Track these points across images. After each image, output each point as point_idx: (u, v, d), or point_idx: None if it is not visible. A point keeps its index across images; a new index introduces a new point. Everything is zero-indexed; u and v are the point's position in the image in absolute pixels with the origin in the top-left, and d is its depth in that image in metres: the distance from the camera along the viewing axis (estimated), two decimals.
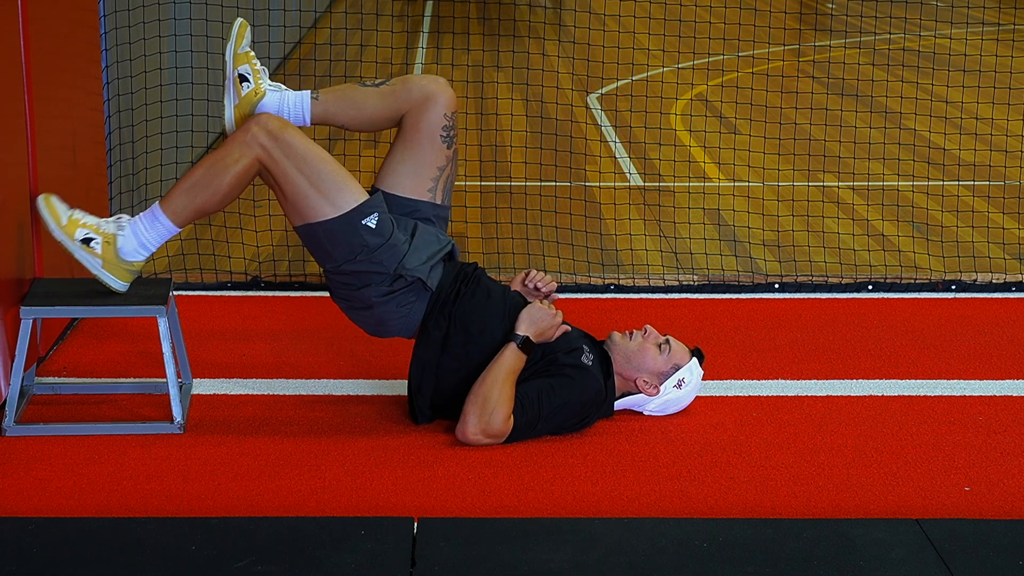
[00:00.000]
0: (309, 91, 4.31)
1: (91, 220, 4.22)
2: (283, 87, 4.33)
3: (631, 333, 4.42)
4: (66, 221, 4.19)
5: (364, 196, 4.17)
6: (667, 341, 4.41)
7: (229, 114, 4.29)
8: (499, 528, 3.64)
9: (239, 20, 4.33)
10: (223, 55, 4.30)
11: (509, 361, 4.20)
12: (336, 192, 4.13)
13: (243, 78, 4.28)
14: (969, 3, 10.33)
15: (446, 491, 3.91)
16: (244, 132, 4.13)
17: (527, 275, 4.50)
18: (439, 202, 4.34)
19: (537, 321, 4.26)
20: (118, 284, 4.24)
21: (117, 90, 5.81)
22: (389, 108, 4.33)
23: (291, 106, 4.29)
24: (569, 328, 4.34)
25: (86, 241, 4.18)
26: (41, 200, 4.20)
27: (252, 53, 4.33)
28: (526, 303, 4.35)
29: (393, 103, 4.32)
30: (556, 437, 4.24)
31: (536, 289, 4.48)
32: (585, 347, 4.34)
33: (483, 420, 4.13)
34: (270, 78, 4.38)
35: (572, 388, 4.22)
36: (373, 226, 4.14)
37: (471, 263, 4.43)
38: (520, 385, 4.20)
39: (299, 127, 4.25)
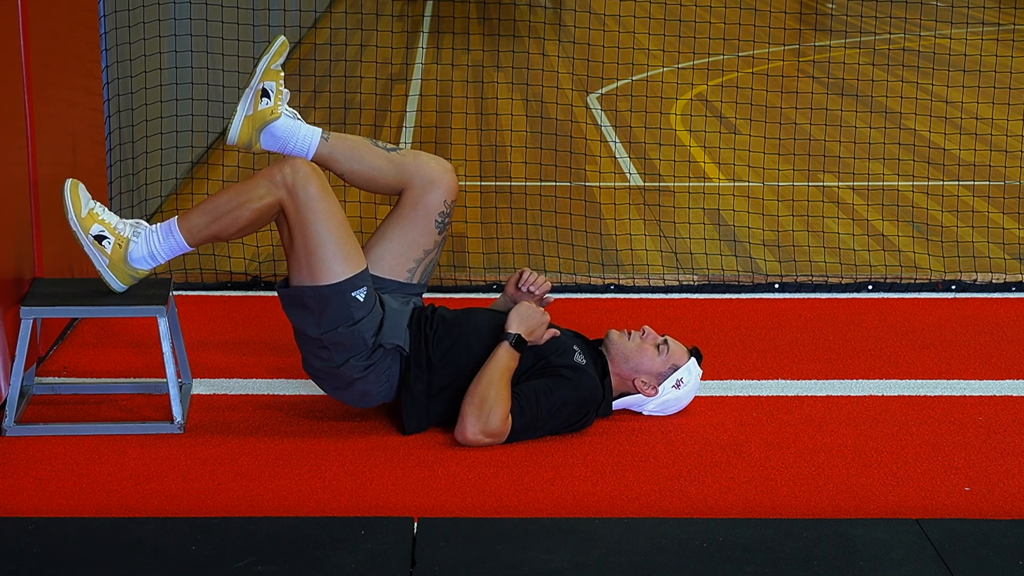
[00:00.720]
0: (321, 130, 4.31)
1: (109, 218, 4.22)
2: (299, 116, 4.33)
3: (629, 333, 4.42)
4: (85, 213, 4.19)
5: (360, 266, 4.16)
6: (665, 341, 4.41)
7: (237, 121, 4.28)
8: (499, 528, 3.64)
9: (281, 38, 4.32)
10: (256, 64, 4.28)
11: (503, 360, 4.20)
12: (338, 256, 4.12)
13: (265, 93, 4.28)
14: (969, 3, 10.31)
15: (446, 491, 3.91)
16: (277, 171, 4.13)
17: (521, 276, 4.50)
18: (416, 281, 4.36)
19: (527, 319, 4.27)
20: (118, 286, 4.24)
21: (117, 90, 5.82)
22: (391, 176, 4.33)
23: (300, 137, 4.29)
24: (559, 332, 4.34)
25: (99, 238, 4.18)
26: (68, 185, 4.20)
27: (282, 74, 4.33)
28: (496, 317, 4.35)
29: (397, 173, 4.32)
30: (556, 437, 4.24)
31: (530, 292, 4.48)
32: (576, 348, 4.35)
33: (481, 420, 4.13)
34: None
35: (569, 388, 4.22)
36: (361, 299, 4.15)
37: (428, 307, 4.42)
38: (517, 386, 4.20)
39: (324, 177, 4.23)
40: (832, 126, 7.84)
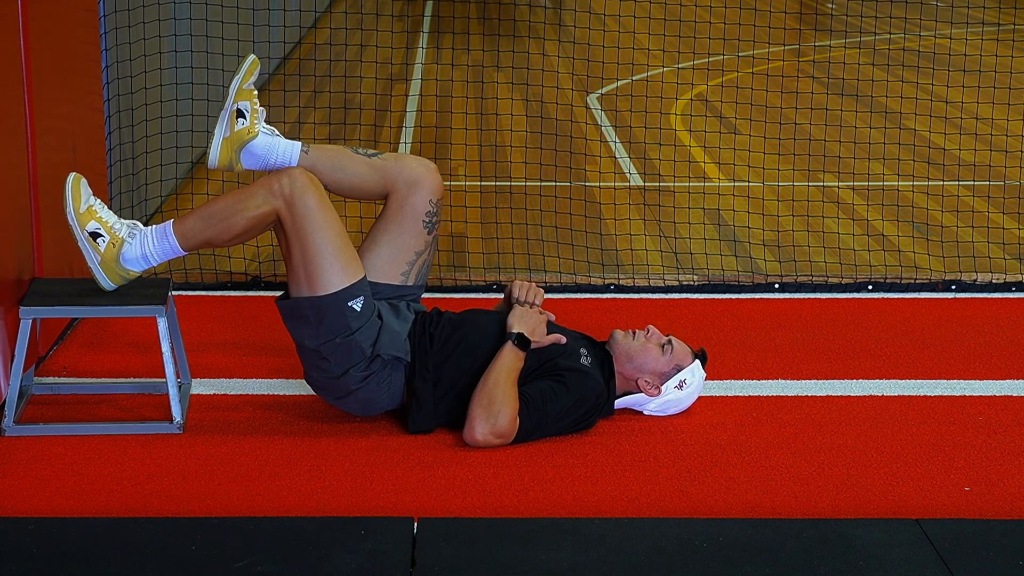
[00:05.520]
0: (301, 143, 4.31)
1: (107, 217, 4.22)
2: (276, 132, 4.34)
3: (634, 332, 4.43)
4: (84, 209, 4.20)
5: (358, 275, 4.17)
6: (670, 341, 4.41)
7: (216, 143, 4.29)
8: (499, 528, 3.64)
9: (251, 56, 4.33)
10: (228, 86, 4.29)
11: (508, 360, 4.20)
12: (335, 267, 4.13)
13: (240, 114, 4.29)
14: (969, 3, 10.33)
15: (446, 491, 3.91)
16: (275, 180, 4.14)
17: (512, 291, 4.48)
18: (411, 283, 4.35)
19: (526, 319, 4.29)
20: (108, 284, 4.25)
21: (117, 90, 5.82)
22: (375, 182, 4.33)
23: (280, 153, 4.30)
24: (564, 339, 4.34)
25: (94, 235, 4.19)
26: (71, 179, 4.21)
27: (255, 92, 4.34)
28: (500, 317, 4.36)
29: (380, 179, 4.33)
30: (556, 437, 4.24)
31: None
32: (583, 350, 4.34)
33: (490, 421, 4.13)
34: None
35: (575, 391, 4.22)
36: (358, 309, 4.16)
37: (433, 309, 4.42)
38: (523, 387, 4.20)
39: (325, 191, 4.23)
40: (832, 126, 7.84)
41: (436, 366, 4.25)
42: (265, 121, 4.36)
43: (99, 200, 4.26)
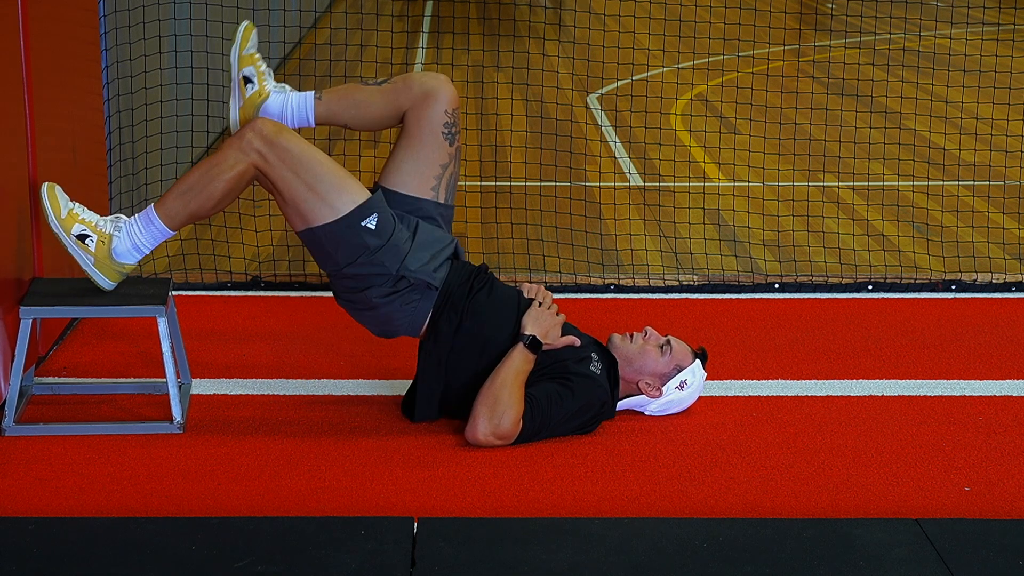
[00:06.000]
0: (312, 92, 4.32)
1: (90, 217, 4.22)
2: (287, 88, 4.34)
3: (631, 335, 4.42)
4: (65, 214, 4.20)
5: (364, 196, 4.16)
6: (668, 342, 4.41)
7: (234, 116, 4.30)
8: (499, 528, 3.64)
9: (245, 22, 4.34)
10: (229, 57, 4.31)
11: (517, 362, 4.19)
12: (335, 194, 4.12)
13: (247, 80, 4.29)
14: (969, 3, 10.32)
15: (446, 491, 3.91)
16: (240, 138, 4.13)
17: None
18: (442, 200, 4.34)
19: (540, 320, 4.27)
20: (106, 283, 4.24)
21: (117, 90, 5.82)
22: (391, 106, 4.33)
23: (295, 107, 4.30)
24: (578, 342, 4.33)
25: (81, 237, 4.19)
26: (45, 189, 4.21)
27: (258, 55, 4.34)
28: (517, 305, 4.34)
29: (395, 101, 4.32)
30: (557, 437, 4.24)
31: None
32: (594, 356, 4.33)
33: (493, 422, 4.12)
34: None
35: (580, 397, 4.21)
36: (373, 227, 4.13)
37: (482, 264, 4.42)
38: (529, 388, 4.19)
39: (301, 128, 4.25)
40: (832, 126, 7.84)
41: (463, 314, 4.22)
42: (274, 80, 4.37)
43: (77, 203, 4.26)
